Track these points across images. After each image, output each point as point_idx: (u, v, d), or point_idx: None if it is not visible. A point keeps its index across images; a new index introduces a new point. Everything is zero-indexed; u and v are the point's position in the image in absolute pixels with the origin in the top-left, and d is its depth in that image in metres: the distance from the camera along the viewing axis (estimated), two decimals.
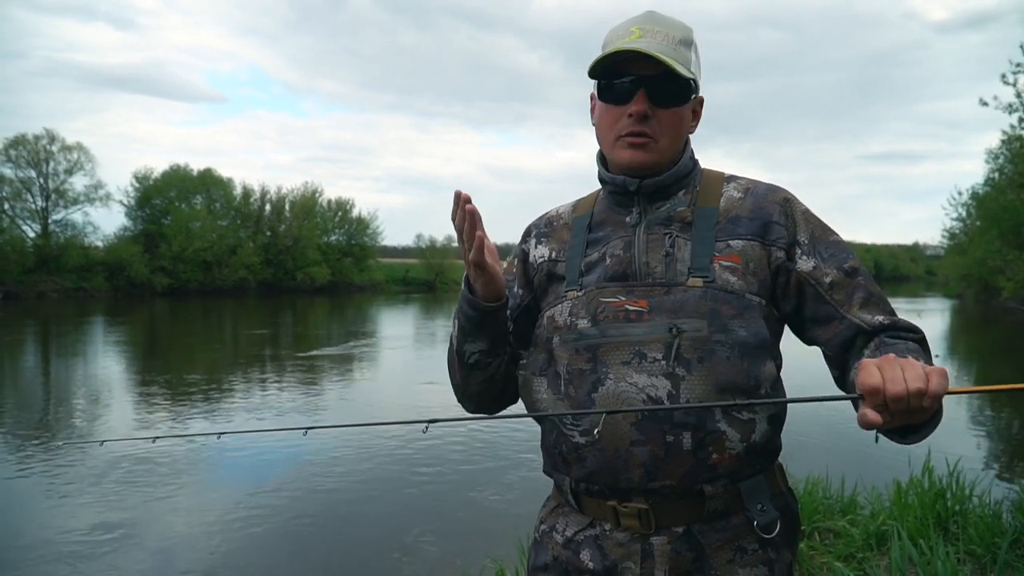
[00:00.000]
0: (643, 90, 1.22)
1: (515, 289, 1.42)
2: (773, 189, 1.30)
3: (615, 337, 1.20)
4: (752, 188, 1.30)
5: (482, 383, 1.37)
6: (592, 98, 1.34)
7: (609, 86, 1.26)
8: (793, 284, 1.24)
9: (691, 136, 1.34)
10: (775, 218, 1.25)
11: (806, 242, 1.25)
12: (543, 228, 1.43)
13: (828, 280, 1.23)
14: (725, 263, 1.21)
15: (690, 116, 1.30)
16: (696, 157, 1.35)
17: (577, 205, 1.42)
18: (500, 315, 1.30)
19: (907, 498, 4.01)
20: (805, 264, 1.24)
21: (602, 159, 1.35)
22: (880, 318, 1.21)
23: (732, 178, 1.32)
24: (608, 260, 1.27)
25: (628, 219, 1.30)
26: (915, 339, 1.19)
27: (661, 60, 1.18)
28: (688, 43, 1.25)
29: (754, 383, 1.18)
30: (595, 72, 1.25)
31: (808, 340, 1.30)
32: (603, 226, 1.33)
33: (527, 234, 1.45)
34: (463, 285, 1.29)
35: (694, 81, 1.25)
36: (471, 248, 1.18)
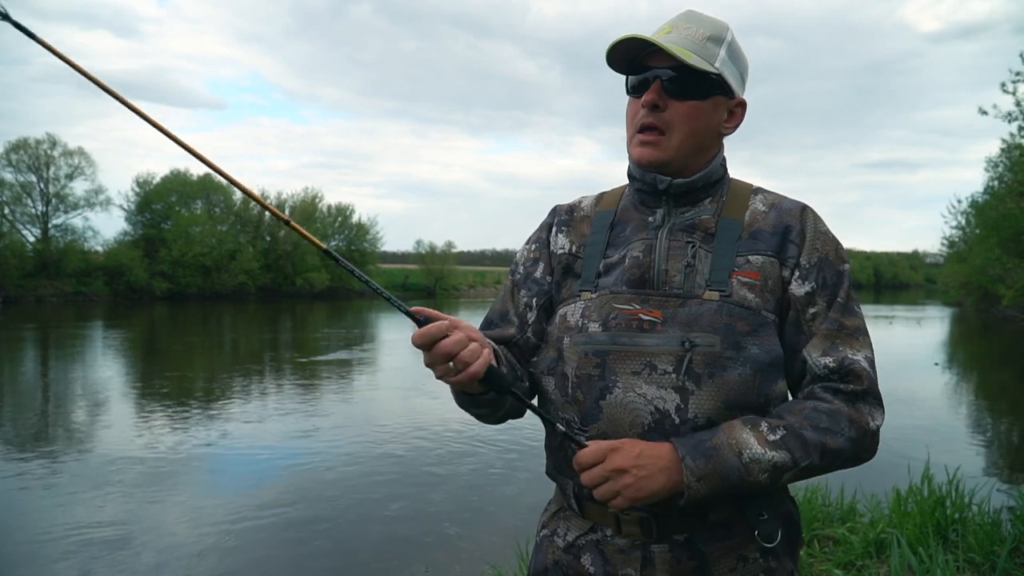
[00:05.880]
0: (658, 82, 1.22)
1: (538, 274, 1.38)
2: (797, 206, 1.28)
3: (626, 346, 1.19)
4: (777, 203, 1.28)
5: (496, 418, 1.33)
6: None
7: (632, 80, 1.27)
8: (785, 305, 1.23)
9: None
10: (792, 237, 1.23)
11: (807, 265, 1.22)
12: (564, 216, 1.40)
13: (812, 311, 1.21)
14: (744, 279, 1.20)
15: (718, 115, 1.27)
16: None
17: (601, 199, 1.40)
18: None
19: (906, 506, 4.01)
20: (798, 288, 1.21)
21: None
22: (829, 359, 1.18)
23: (759, 191, 1.31)
24: (627, 263, 1.26)
25: (651, 219, 1.29)
26: (846, 394, 1.16)
27: (667, 50, 1.17)
28: (718, 40, 1.24)
29: (764, 401, 1.17)
30: (616, 65, 1.26)
31: None
32: (625, 225, 1.31)
33: (550, 223, 1.42)
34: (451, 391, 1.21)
35: (720, 77, 1.22)
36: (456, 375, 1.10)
